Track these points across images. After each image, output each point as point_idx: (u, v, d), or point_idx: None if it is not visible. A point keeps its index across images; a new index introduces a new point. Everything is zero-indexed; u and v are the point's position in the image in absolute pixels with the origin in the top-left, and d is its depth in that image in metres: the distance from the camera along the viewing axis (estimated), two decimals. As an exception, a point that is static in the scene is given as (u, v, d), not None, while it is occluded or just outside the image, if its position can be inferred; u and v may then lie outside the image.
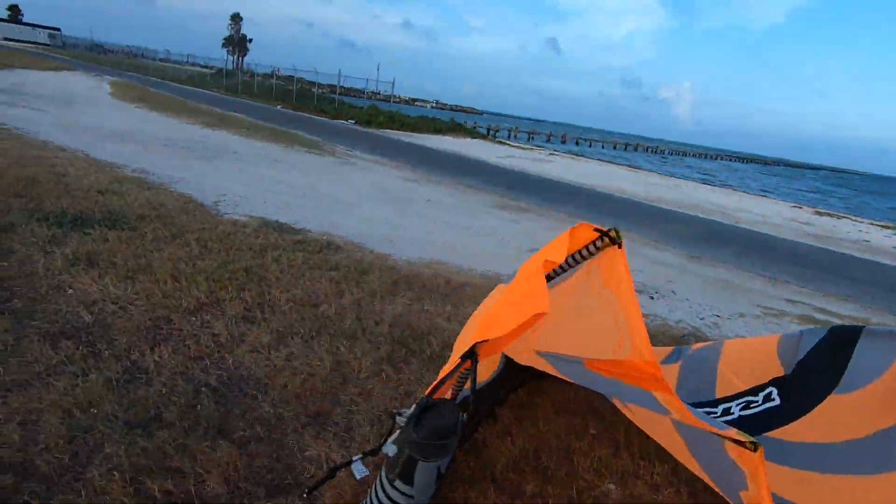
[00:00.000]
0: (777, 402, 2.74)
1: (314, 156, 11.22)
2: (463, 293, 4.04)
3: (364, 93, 34.88)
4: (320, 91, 30.69)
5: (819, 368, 2.67)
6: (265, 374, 2.41)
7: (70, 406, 1.95)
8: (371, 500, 0.71)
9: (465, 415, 0.60)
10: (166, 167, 7.18)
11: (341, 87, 31.48)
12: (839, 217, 17.64)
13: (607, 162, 27.54)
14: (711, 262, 7.24)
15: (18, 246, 3.40)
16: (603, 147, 52.28)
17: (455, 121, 29.22)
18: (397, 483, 0.62)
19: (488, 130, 36.24)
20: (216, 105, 20.84)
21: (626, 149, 55.75)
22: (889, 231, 15.63)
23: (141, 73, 39.97)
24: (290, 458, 1.93)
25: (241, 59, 57.56)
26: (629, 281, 1.59)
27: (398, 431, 0.65)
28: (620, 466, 2.17)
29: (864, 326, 2.62)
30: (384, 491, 0.66)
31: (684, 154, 68.98)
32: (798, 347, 2.86)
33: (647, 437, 2.37)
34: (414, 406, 0.63)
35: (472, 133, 27.43)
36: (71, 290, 2.92)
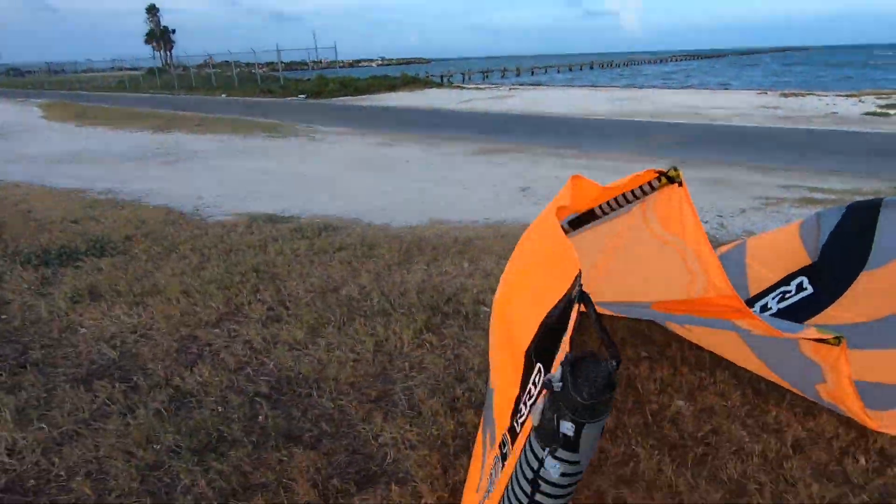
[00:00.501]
0: (810, 290, 2.75)
1: (278, 139, 10.78)
2: (474, 247, 3.97)
3: (307, 64, 33.40)
4: (262, 71, 29.29)
5: (845, 249, 2.68)
6: (312, 370, 2.35)
7: (130, 447, 1.87)
8: (518, 481, 0.65)
9: (613, 362, 0.55)
10: (132, 181, 6.82)
11: (282, 63, 30.03)
12: (804, 95, 17.76)
13: (568, 86, 27.10)
14: (700, 164, 7.24)
15: (12, 294, 3.21)
16: (559, 72, 51.31)
17: (406, 74, 28.30)
18: (560, 453, 0.56)
19: (442, 78, 35.16)
20: (158, 106, 19.78)
21: (581, 69, 54.83)
22: (853, 99, 15.82)
23: (67, 88, 37.55)
24: (367, 447, 1.90)
25: (168, 53, 54.26)
26: (695, 219, 1.53)
27: (545, 401, 0.59)
28: (684, 383, 2.19)
29: (883, 199, 2.58)
30: (540, 465, 0.60)
31: (639, 63, 68.20)
32: (819, 231, 2.87)
33: (702, 350, 2.39)
34: (559, 369, 0.57)
35: (427, 83, 26.65)
36: (84, 329, 2.78)
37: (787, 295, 2.77)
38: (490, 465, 1.06)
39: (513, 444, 0.86)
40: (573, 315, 0.76)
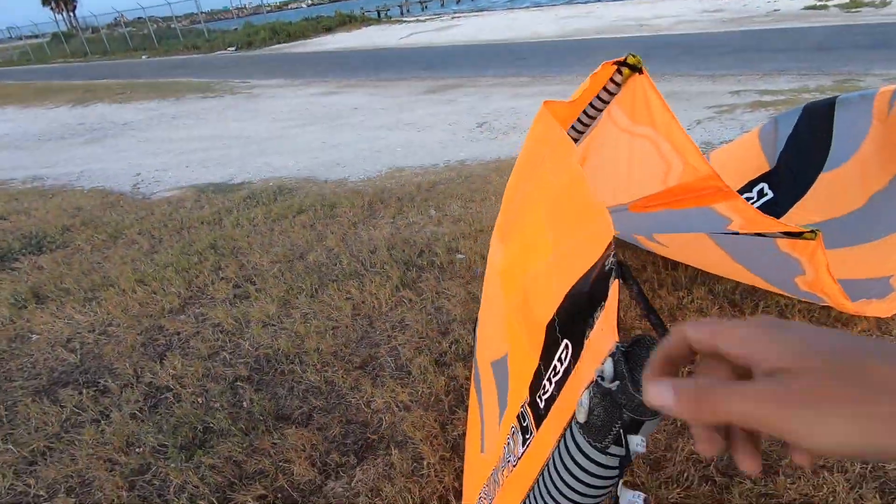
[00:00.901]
0: (771, 195, 2.78)
1: (213, 99, 10.04)
2: (439, 192, 3.85)
3: (231, 12, 30.76)
4: (182, 25, 26.83)
5: (803, 152, 2.70)
6: (291, 344, 2.26)
7: (110, 454, 1.78)
8: (558, 472, 0.60)
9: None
10: (57, 165, 6.26)
11: (203, 13, 27.54)
12: (745, -6, 17.61)
13: (512, 9, 26.02)
14: (652, 78, 7.15)
15: (-55, 310, 2.94)
16: (499, -6, 49.11)
17: (342, 13, 26.50)
18: (613, 449, 0.50)
19: (379, 13, 33.16)
20: (72, 77, 18.00)
21: (522, -12, 52.63)
22: (793, -6, 15.81)
23: (-37, 67, 33.62)
24: (360, 416, 1.87)
25: (71, 14, 48.77)
26: (663, 104, 1.44)
27: (591, 396, 0.51)
28: (664, 305, 2.22)
29: (837, 97, 2.57)
30: (587, 459, 0.55)
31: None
32: (777, 137, 2.88)
33: (677, 270, 2.42)
34: (608, 361, 0.49)
35: (365, 21, 25.10)
36: (36, 335, 2.58)
37: (750, 202, 2.80)
38: (501, 432, 1.02)
39: (536, 423, 0.80)
40: (612, 293, 0.66)
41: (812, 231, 1.57)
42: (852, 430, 0.29)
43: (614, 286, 0.66)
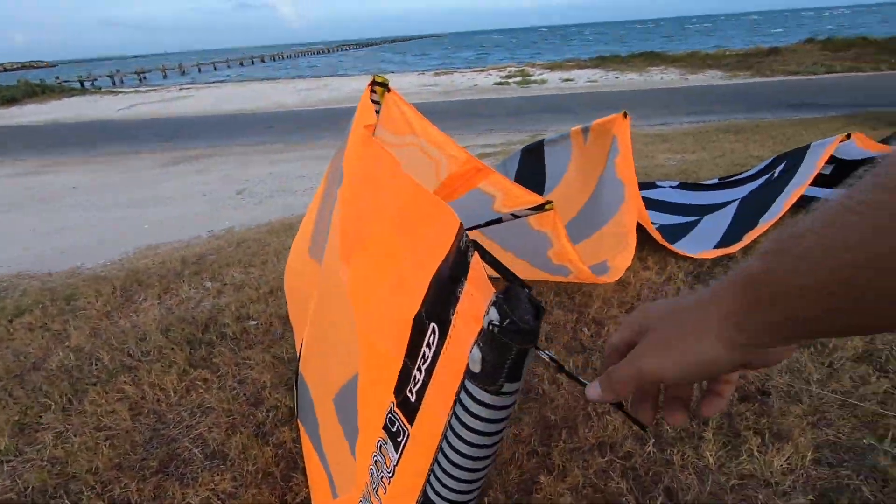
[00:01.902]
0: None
1: None
2: (209, 262, 3.52)
3: None
4: None
5: (528, 180, 3.42)
6: (48, 475, 1.73)
7: None
8: (458, 436, 0.67)
9: (526, 288, 0.60)
10: None
11: None
12: (451, 73, 21.42)
13: (246, 81, 25.81)
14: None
15: None
16: (229, 66, 48.20)
17: (28, 82, 22.07)
18: (506, 387, 0.61)
19: (81, 83, 28.67)
20: None
21: (252, 63, 52.82)
22: (483, 74, 19.91)
23: None
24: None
25: None
26: (415, 112, 1.67)
27: (480, 346, 0.61)
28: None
29: (543, 138, 3.35)
30: (487, 407, 0.64)
31: (308, 53, 69.88)
32: (506, 172, 3.61)
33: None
34: (492, 309, 0.60)
35: (66, 90, 21.42)
36: None
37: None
38: (360, 462, 1.00)
39: (409, 420, 0.83)
40: (474, 264, 0.74)
41: (549, 202, 2.02)
42: (678, 360, 0.39)
43: (475, 258, 0.75)
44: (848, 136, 3.06)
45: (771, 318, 0.34)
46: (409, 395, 0.84)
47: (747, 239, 2.86)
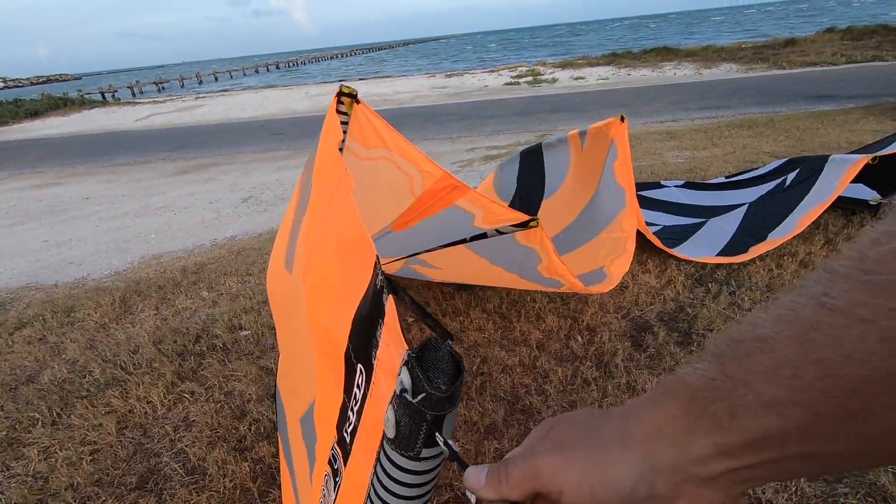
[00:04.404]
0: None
1: None
2: (208, 272, 3.53)
3: None
4: None
5: (528, 185, 3.35)
6: (29, 492, 1.74)
7: None
8: (378, 487, 0.62)
9: (448, 342, 0.54)
10: None
11: None
12: (461, 74, 21.36)
13: (260, 88, 26.15)
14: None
15: None
16: (245, 74, 48.99)
17: (51, 95, 22.71)
18: (425, 452, 0.55)
19: (103, 95, 29.46)
20: None
21: (268, 70, 53.57)
22: (494, 74, 19.82)
23: None
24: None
25: None
26: (387, 126, 1.62)
27: (394, 409, 0.55)
28: (451, 330, 2.44)
29: (542, 142, 3.27)
30: (406, 472, 0.58)
31: (325, 59, 70.59)
32: (504, 178, 3.54)
33: (454, 298, 2.69)
34: (403, 371, 0.54)
35: (86, 103, 21.98)
36: None
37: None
38: (314, 491, 0.96)
39: (344, 460, 0.78)
40: (388, 308, 0.70)
41: (534, 219, 1.95)
42: (585, 469, 0.32)
43: (389, 301, 0.71)
44: (874, 160, 2.82)
45: (725, 441, 0.28)
46: (345, 435, 0.80)
47: (753, 252, 2.74)
